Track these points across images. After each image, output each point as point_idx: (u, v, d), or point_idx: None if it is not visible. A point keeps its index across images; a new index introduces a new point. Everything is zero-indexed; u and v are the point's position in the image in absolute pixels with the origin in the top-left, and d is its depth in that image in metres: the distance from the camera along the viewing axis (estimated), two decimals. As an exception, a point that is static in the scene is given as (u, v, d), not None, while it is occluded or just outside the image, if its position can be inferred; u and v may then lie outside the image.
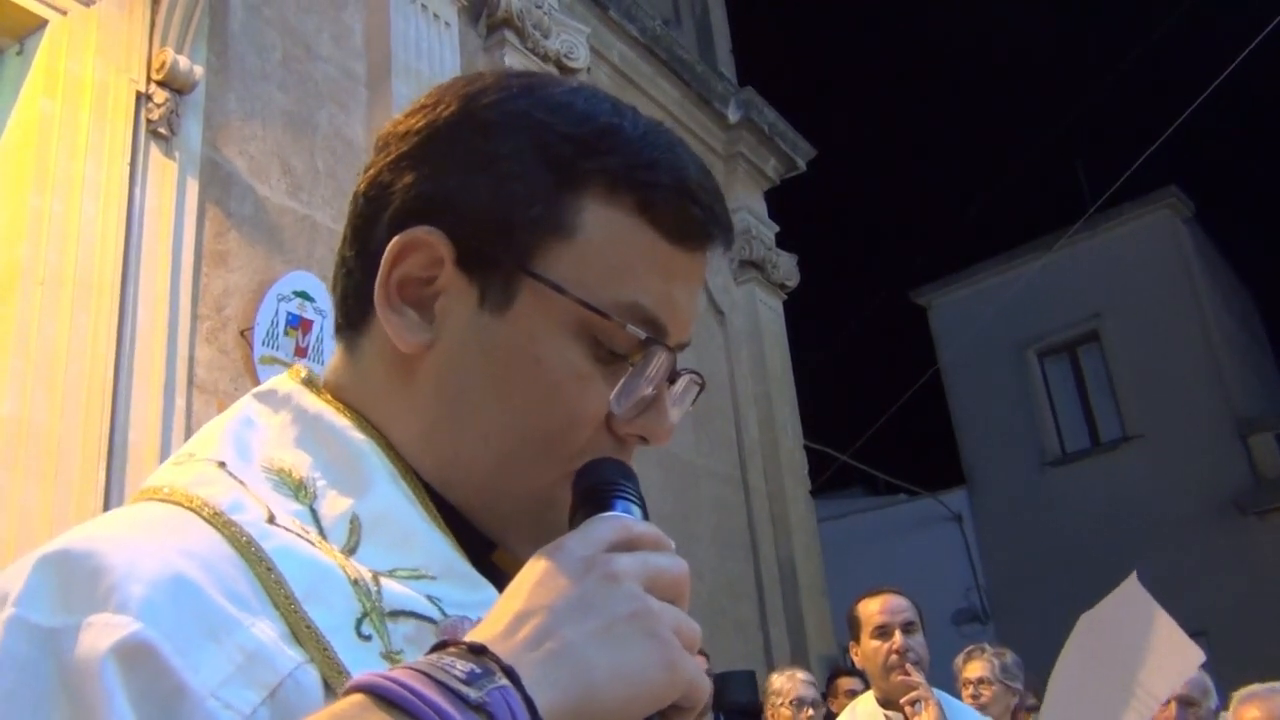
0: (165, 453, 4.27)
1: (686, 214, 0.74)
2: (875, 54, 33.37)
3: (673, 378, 0.77)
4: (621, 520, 0.63)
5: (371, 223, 0.76)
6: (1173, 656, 1.12)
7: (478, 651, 0.53)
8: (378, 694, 0.50)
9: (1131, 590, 1.14)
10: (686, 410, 0.81)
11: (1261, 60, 9.50)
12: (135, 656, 0.54)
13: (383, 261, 0.73)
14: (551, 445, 0.72)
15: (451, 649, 0.54)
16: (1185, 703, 3.60)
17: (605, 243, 0.72)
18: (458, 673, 0.51)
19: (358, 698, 0.51)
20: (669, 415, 0.76)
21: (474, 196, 0.72)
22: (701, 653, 5.27)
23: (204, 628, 0.57)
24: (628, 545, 0.61)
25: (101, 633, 0.54)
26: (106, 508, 3.93)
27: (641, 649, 0.56)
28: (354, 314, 0.78)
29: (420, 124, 0.76)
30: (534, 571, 0.59)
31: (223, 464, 0.69)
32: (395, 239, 0.72)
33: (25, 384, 3.95)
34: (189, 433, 4.51)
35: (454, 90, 0.77)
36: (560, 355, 0.71)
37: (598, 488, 0.67)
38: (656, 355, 0.72)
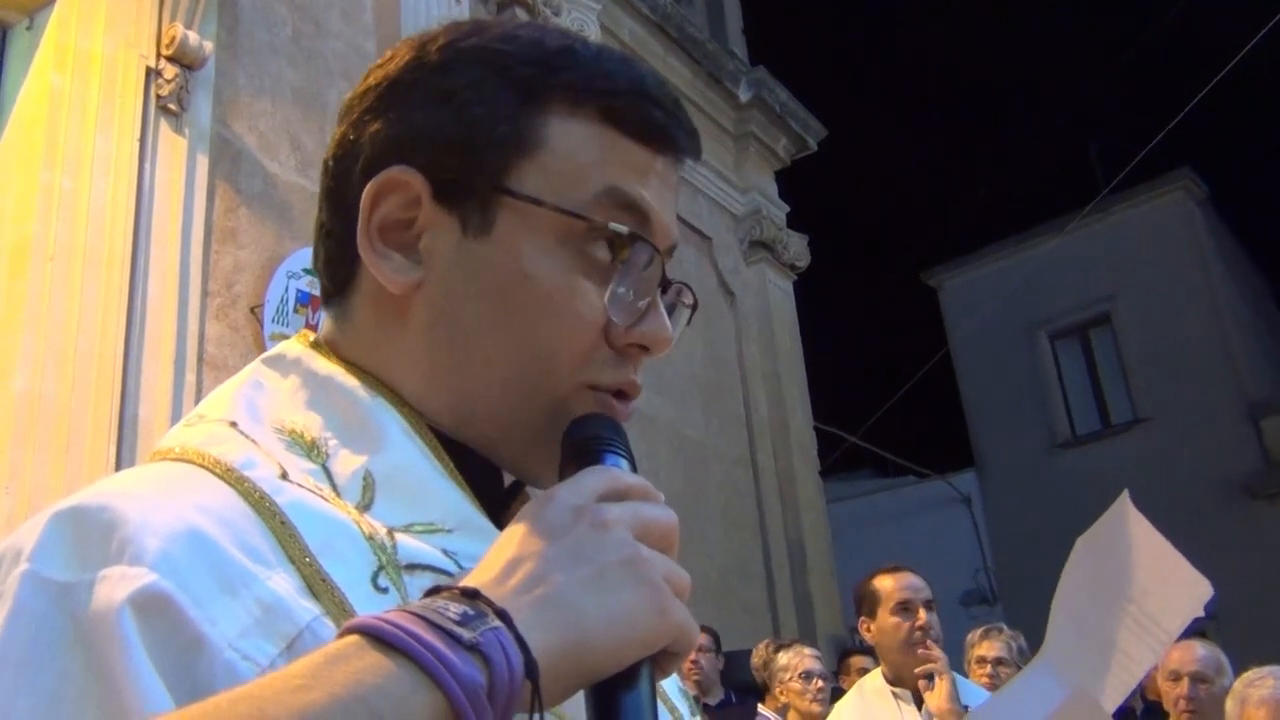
0: (175, 429, 4.28)
1: (649, 116, 0.75)
2: (887, 34, 33.20)
3: (664, 287, 0.77)
4: (611, 471, 0.64)
5: (344, 180, 0.76)
6: (1180, 588, 1.08)
7: (470, 595, 0.54)
8: (373, 635, 0.51)
9: (1125, 511, 1.08)
10: (683, 325, 0.82)
11: (1276, 42, 9.42)
12: (152, 606, 0.54)
13: (361, 208, 0.73)
14: (554, 359, 0.72)
15: (444, 593, 0.54)
16: (1198, 679, 3.58)
17: (573, 150, 0.73)
18: (451, 615, 0.52)
19: (354, 639, 0.51)
20: (666, 320, 0.76)
21: (439, 128, 0.73)
22: (709, 630, 5.21)
23: (220, 581, 0.57)
24: (618, 495, 0.62)
25: (117, 584, 0.54)
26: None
27: (633, 594, 0.57)
28: (339, 274, 0.78)
29: (376, 79, 0.78)
30: (525, 520, 0.60)
31: (234, 424, 0.69)
32: (370, 183, 0.73)
33: (36, 360, 3.96)
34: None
35: (405, 44, 0.80)
36: (548, 267, 0.71)
37: (587, 442, 0.68)
38: (642, 250, 0.73)
